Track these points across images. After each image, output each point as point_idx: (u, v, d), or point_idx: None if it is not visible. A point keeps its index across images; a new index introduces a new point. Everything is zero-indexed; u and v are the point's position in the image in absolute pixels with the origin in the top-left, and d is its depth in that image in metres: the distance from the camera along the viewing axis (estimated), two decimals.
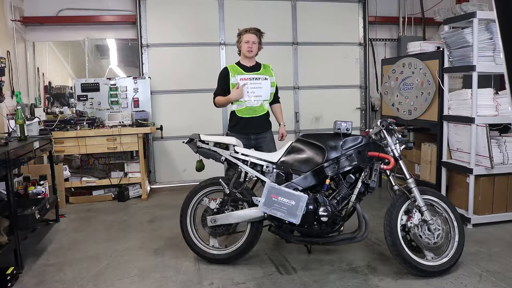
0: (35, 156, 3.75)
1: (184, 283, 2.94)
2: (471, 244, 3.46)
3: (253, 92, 3.65)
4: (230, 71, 3.70)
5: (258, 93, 3.68)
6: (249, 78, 3.67)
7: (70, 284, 2.96)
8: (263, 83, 3.70)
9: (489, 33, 3.84)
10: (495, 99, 3.95)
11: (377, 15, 6.37)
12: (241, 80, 3.64)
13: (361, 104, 6.43)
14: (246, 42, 3.66)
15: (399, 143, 3.03)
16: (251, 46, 3.66)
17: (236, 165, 3.18)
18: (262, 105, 3.71)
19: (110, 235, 3.96)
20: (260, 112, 3.71)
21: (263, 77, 3.71)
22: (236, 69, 3.72)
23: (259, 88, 3.68)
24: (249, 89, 3.65)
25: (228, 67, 3.75)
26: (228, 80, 3.68)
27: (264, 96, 3.71)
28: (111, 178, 5.22)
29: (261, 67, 3.79)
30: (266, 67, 3.82)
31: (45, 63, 5.82)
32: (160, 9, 5.71)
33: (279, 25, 6.02)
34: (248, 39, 3.66)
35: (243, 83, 3.64)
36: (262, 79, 3.70)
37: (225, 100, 3.71)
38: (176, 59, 5.83)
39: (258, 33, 3.72)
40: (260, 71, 3.75)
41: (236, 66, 3.76)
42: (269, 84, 3.73)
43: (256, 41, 3.69)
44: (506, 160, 3.98)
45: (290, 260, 3.27)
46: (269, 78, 3.74)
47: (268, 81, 3.73)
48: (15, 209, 3.13)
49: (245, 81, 3.64)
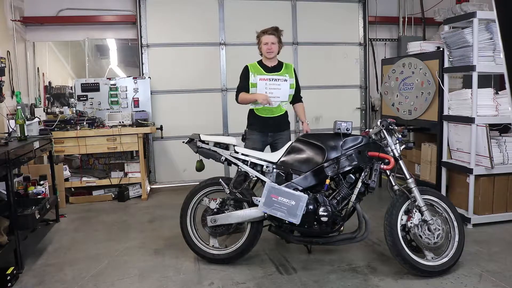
0: (35, 156, 3.75)
1: (184, 283, 2.94)
2: (471, 244, 3.46)
3: (271, 93, 3.63)
4: (250, 70, 3.70)
5: (276, 94, 3.65)
6: (269, 78, 3.65)
7: (70, 284, 2.96)
8: (282, 84, 3.67)
9: (489, 33, 3.84)
10: (495, 99, 3.95)
11: (377, 15, 6.37)
12: (260, 80, 3.63)
13: (361, 104, 6.43)
14: (266, 43, 3.66)
15: (399, 143, 3.03)
16: (271, 47, 3.65)
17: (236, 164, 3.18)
18: (279, 106, 3.69)
19: (110, 235, 3.96)
20: (278, 113, 3.70)
21: (283, 78, 3.69)
22: (257, 69, 3.72)
23: (277, 89, 3.66)
24: (267, 89, 3.63)
25: (249, 66, 3.74)
26: (248, 79, 3.68)
27: (282, 97, 3.68)
28: (111, 178, 5.21)
29: (282, 67, 3.76)
30: (288, 67, 3.79)
31: (45, 63, 5.82)
32: (160, 9, 5.71)
33: (279, 25, 5.92)
34: (267, 40, 3.65)
35: (263, 85, 3.63)
36: (281, 80, 3.68)
37: (250, 97, 3.65)
38: (176, 59, 5.83)
39: (276, 32, 3.69)
40: (281, 71, 3.72)
41: (258, 65, 3.75)
42: (288, 85, 3.70)
43: (275, 41, 3.67)
44: (506, 160, 3.98)
45: (290, 260, 3.27)
46: (289, 79, 3.71)
47: (288, 82, 3.69)
48: (15, 209, 3.13)
49: (264, 81, 3.64)
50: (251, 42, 5.83)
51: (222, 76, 5.91)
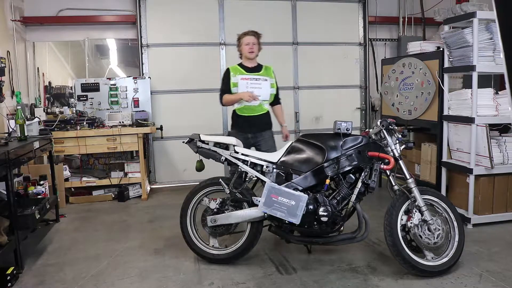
0: (35, 156, 3.75)
1: (184, 283, 2.94)
2: (471, 244, 3.46)
3: (252, 92, 3.71)
4: (231, 71, 3.81)
5: (257, 93, 3.73)
6: (250, 78, 3.77)
7: (70, 284, 2.96)
8: (262, 83, 3.78)
9: (489, 33, 3.84)
10: (495, 99, 3.95)
11: (377, 15, 6.37)
12: (242, 80, 3.74)
13: (361, 104, 6.43)
14: (247, 44, 3.78)
15: (399, 143, 3.03)
16: (252, 47, 3.78)
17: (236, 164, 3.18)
18: (261, 105, 3.79)
19: (110, 235, 3.96)
20: (259, 112, 3.79)
21: (263, 78, 3.80)
22: (237, 70, 3.84)
23: (258, 88, 3.76)
24: (249, 89, 3.72)
25: (230, 68, 3.85)
26: (229, 79, 3.79)
27: (263, 96, 3.78)
28: (111, 178, 5.21)
29: (262, 68, 3.88)
30: (268, 69, 3.91)
31: (45, 63, 5.82)
32: (160, 9, 5.71)
33: (279, 25, 6.02)
34: (248, 41, 3.78)
35: (245, 84, 3.73)
36: (262, 80, 3.79)
37: (234, 97, 3.75)
38: (176, 59, 5.83)
39: (256, 35, 3.83)
40: (261, 72, 3.85)
41: (238, 67, 3.86)
42: (269, 85, 3.81)
43: (256, 42, 3.81)
44: (506, 160, 3.98)
45: (290, 260, 3.27)
46: (269, 79, 3.83)
47: (268, 82, 3.81)
48: (15, 209, 3.13)
49: (246, 81, 3.74)
50: None
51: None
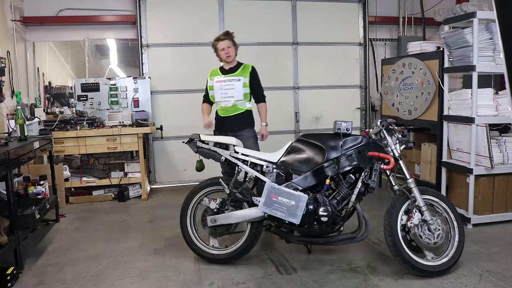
0: (35, 156, 3.75)
1: (184, 283, 2.94)
2: (471, 244, 3.46)
3: (225, 93, 3.80)
4: (209, 75, 3.93)
5: (231, 94, 3.80)
6: (224, 80, 3.83)
7: (70, 284, 2.96)
8: (235, 84, 3.81)
9: (489, 33, 3.84)
10: (495, 99, 3.95)
11: (377, 15, 6.37)
12: (217, 82, 3.83)
13: (361, 104, 6.43)
14: (222, 49, 3.82)
15: (399, 143, 3.03)
16: (228, 51, 3.81)
17: (236, 164, 3.18)
18: (235, 105, 3.82)
19: (110, 235, 3.96)
20: (233, 112, 3.83)
21: (236, 78, 3.82)
22: (215, 72, 3.93)
23: (231, 89, 3.81)
24: (222, 90, 3.81)
25: (210, 72, 3.97)
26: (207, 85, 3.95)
27: (236, 96, 3.81)
28: (111, 178, 5.21)
29: (239, 68, 3.90)
30: (245, 68, 3.91)
31: (45, 63, 5.82)
32: (160, 9, 5.71)
33: (279, 25, 6.02)
34: (223, 46, 3.81)
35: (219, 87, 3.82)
36: (235, 80, 3.82)
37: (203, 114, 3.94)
38: (176, 59, 5.83)
39: (228, 36, 3.85)
40: (237, 72, 3.87)
41: (217, 69, 3.95)
42: (241, 84, 3.81)
43: (230, 44, 3.83)
44: (506, 160, 3.98)
45: (290, 260, 3.27)
46: (243, 78, 3.82)
47: (241, 82, 3.81)
48: (15, 209, 3.13)
49: (220, 83, 3.82)
50: (251, 42, 5.89)
51: None
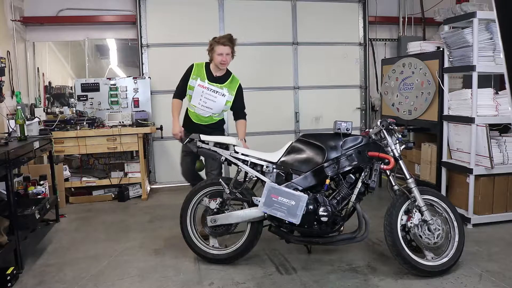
0: (35, 156, 3.75)
1: (184, 283, 2.94)
2: (471, 244, 3.46)
3: (205, 102, 3.56)
4: (193, 72, 3.58)
5: (210, 105, 3.57)
6: (207, 87, 3.55)
7: (70, 284, 2.96)
8: (218, 98, 3.57)
9: (489, 33, 3.84)
10: (495, 99, 3.95)
11: (377, 15, 6.36)
12: (199, 86, 3.54)
13: (361, 104, 6.43)
14: (220, 54, 3.50)
15: (399, 143, 3.03)
16: (225, 59, 3.51)
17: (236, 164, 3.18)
18: (210, 117, 3.64)
19: (110, 235, 3.96)
20: (206, 122, 3.65)
21: (221, 92, 3.57)
22: (201, 72, 3.58)
23: (212, 101, 3.57)
24: (202, 98, 3.56)
25: (194, 66, 3.61)
26: (187, 79, 3.58)
27: (215, 110, 3.60)
28: (111, 178, 5.21)
29: (227, 80, 3.63)
30: (234, 82, 3.65)
31: (45, 63, 5.82)
32: (160, 9, 5.71)
33: (279, 25, 6.02)
34: (222, 51, 3.50)
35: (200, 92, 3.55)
36: (219, 94, 3.57)
37: (173, 117, 3.63)
38: (176, 59, 5.82)
39: (231, 43, 3.55)
40: (224, 84, 3.60)
41: (203, 69, 3.60)
42: (224, 101, 3.59)
43: (229, 52, 3.54)
44: (506, 160, 3.98)
45: (290, 260, 3.27)
46: (228, 95, 3.59)
47: (225, 98, 3.58)
48: (15, 209, 3.13)
49: (202, 89, 3.54)
50: (251, 42, 5.90)
51: None
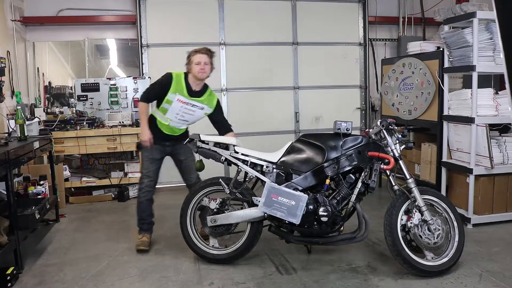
0: (35, 156, 3.75)
1: (184, 283, 2.94)
2: (471, 244, 3.46)
3: (182, 116, 3.46)
4: (172, 85, 3.41)
5: (187, 118, 3.49)
6: (187, 103, 3.42)
7: (70, 284, 2.96)
8: (196, 111, 3.48)
9: (489, 33, 3.84)
10: (495, 99, 3.95)
11: (377, 15, 6.36)
12: (178, 101, 3.39)
13: (361, 104, 6.43)
14: (197, 63, 3.40)
15: (399, 143, 3.03)
16: (204, 68, 3.40)
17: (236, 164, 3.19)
18: (184, 128, 3.60)
19: (110, 235, 3.96)
20: (179, 133, 3.56)
21: (200, 106, 3.48)
22: (180, 86, 3.42)
23: (190, 114, 3.48)
24: (180, 112, 3.43)
25: (173, 76, 3.45)
26: (165, 91, 3.41)
27: (191, 121, 3.55)
28: (111, 178, 5.22)
29: (205, 93, 3.53)
30: (212, 97, 3.57)
31: (45, 63, 5.82)
32: (160, 9, 5.71)
33: (279, 25, 6.01)
34: (200, 60, 3.40)
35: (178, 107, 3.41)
36: (198, 107, 3.47)
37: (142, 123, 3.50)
38: (176, 59, 5.76)
39: (209, 53, 3.47)
40: (202, 98, 3.50)
41: (183, 82, 3.45)
42: (202, 114, 3.53)
43: (208, 61, 3.44)
44: (506, 160, 3.98)
45: (290, 260, 3.27)
46: (206, 108, 3.51)
47: (203, 111, 3.51)
48: (15, 209, 3.13)
49: (181, 104, 3.41)
50: (251, 42, 5.90)
51: (222, 76, 5.90)
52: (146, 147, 3.49)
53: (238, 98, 5.95)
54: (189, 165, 3.63)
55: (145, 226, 3.65)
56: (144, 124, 3.51)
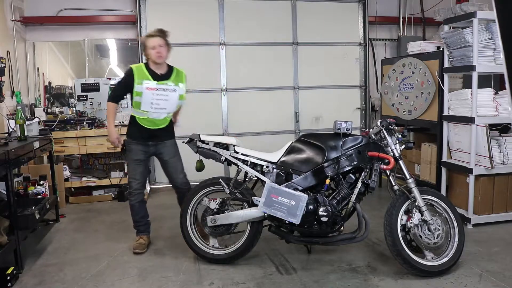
0: (35, 156, 3.75)
1: (184, 283, 2.94)
2: (471, 244, 3.46)
3: (157, 104, 3.30)
4: (135, 76, 3.29)
5: (163, 105, 3.33)
6: (157, 88, 3.29)
7: (70, 284, 2.96)
8: (170, 95, 3.34)
9: (489, 33, 3.84)
10: (495, 99, 3.95)
11: (377, 15, 6.36)
12: (147, 89, 3.27)
13: (361, 104, 6.43)
14: (153, 47, 3.29)
15: (399, 143, 3.03)
16: (159, 51, 3.29)
17: (236, 164, 3.19)
18: (165, 118, 3.41)
19: (110, 235, 3.96)
20: (161, 125, 3.40)
21: (172, 88, 3.35)
22: (143, 74, 3.31)
23: (165, 100, 3.32)
24: (154, 101, 3.29)
25: (133, 69, 3.33)
26: (130, 85, 3.29)
27: (169, 109, 3.38)
28: (111, 178, 5.21)
29: (172, 74, 3.41)
30: (180, 75, 3.45)
31: (45, 63, 5.82)
32: (160, 9, 5.71)
33: (279, 25, 6.01)
34: (154, 43, 3.29)
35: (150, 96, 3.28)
36: (170, 90, 3.34)
37: (109, 123, 3.46)
38: (176, 59, 5.75)
39: (162, 34, 3.36)
40: (171, 79, 3.38)
41: (145, 69, 3.34)
42: (177, 96, 3.38)
43: (162, 43, 3.32)
44: (506, 160, 3.98)
45: (290, 260, 3.27)
46: (178, 89, 3.38)
47: (177, 93, 3.37)
48: (15, 209, 3.13)
49: (152, 91, 3.27)
50: (251, 42, 5.90)
51: (222, 76, 5.90)
52: (117, 147, 3.47)
53: (238, 98, 5.95)
54: (174, 165, 3.51)
55: (141, 228, 3.64)
56: (110, 124, 3.45)
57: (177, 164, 3.53)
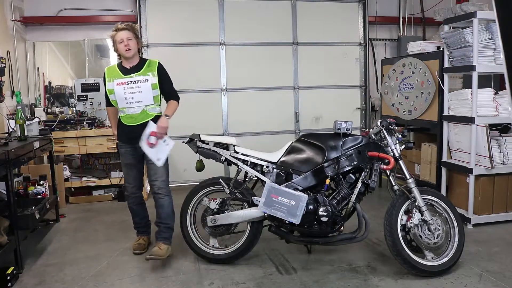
0: (35, 156, 3.75)
1: (184, 283, 2.94)
2: (471, 244, 3.46)
3: (131, 98, 3.18)
4: (107, 76, 3.26)
5: (137, 98, 3.19)
6: (126, 82, 3.19)
7: (70, 284, 2.96)
8: (142, 85, 3.20)
9: (489, 33, 3.84)
10: (495, 99, 3.95)
11: (377, 15, 6.36)
12: (118, 85, 3.19)
13: (361, 104, 6.43)
14: (120, 42, 3.21)
15: (399, 143, 3.03)
16: (127, 44, 3.20)
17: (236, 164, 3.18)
18: (144, 111, 3.22)
19: (110, 235, 3.96)
20: (142, 120, 3.22)
21: (143, 78, 3.21)
22: (114, 72, 3.27)
23: (138, 92, 3.19)
24: (126, 95, 3.18)
25: (105, 70, 3.31)
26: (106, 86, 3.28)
27: (145, 101, 3.21)
28: (111, 178, 5.21)
29: (143, 66, 3.28)
30: (152, 64, 3.30)
31: (45, 63, 5.82)
32: (160, 9, 5.71)
33: (279, 25, 6.02)
34: (122, 37, 3.21)
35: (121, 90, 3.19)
36: (141, 81, 3.21)
37: (111, 122, 3.57)
38: (176, 59, 5.82)
39: (129, 27, 3.28)
40: (142, 71, 3.25)
41: (116, 67, 3.31)
42: (150, 86, 3.21)
43: (131, 36, 3.24)
44: (506, 160, 3.98)
45: (290, 260, 3.27)
46: (150, 79, 3.23)
47: (149, 83, 3.21)
48: (15, 209, 3.13)
49: (122, 86, 3.18)
50: (251, 42, 5.90)
51: (222, 76, 5.90)
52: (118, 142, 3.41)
53: (238, 98, 5.95)
54: (153, 167, 3.27)
55: (141, 229, 3.64)
56: (112, 127, 3.57)
57: (156, 168, 3.27)
